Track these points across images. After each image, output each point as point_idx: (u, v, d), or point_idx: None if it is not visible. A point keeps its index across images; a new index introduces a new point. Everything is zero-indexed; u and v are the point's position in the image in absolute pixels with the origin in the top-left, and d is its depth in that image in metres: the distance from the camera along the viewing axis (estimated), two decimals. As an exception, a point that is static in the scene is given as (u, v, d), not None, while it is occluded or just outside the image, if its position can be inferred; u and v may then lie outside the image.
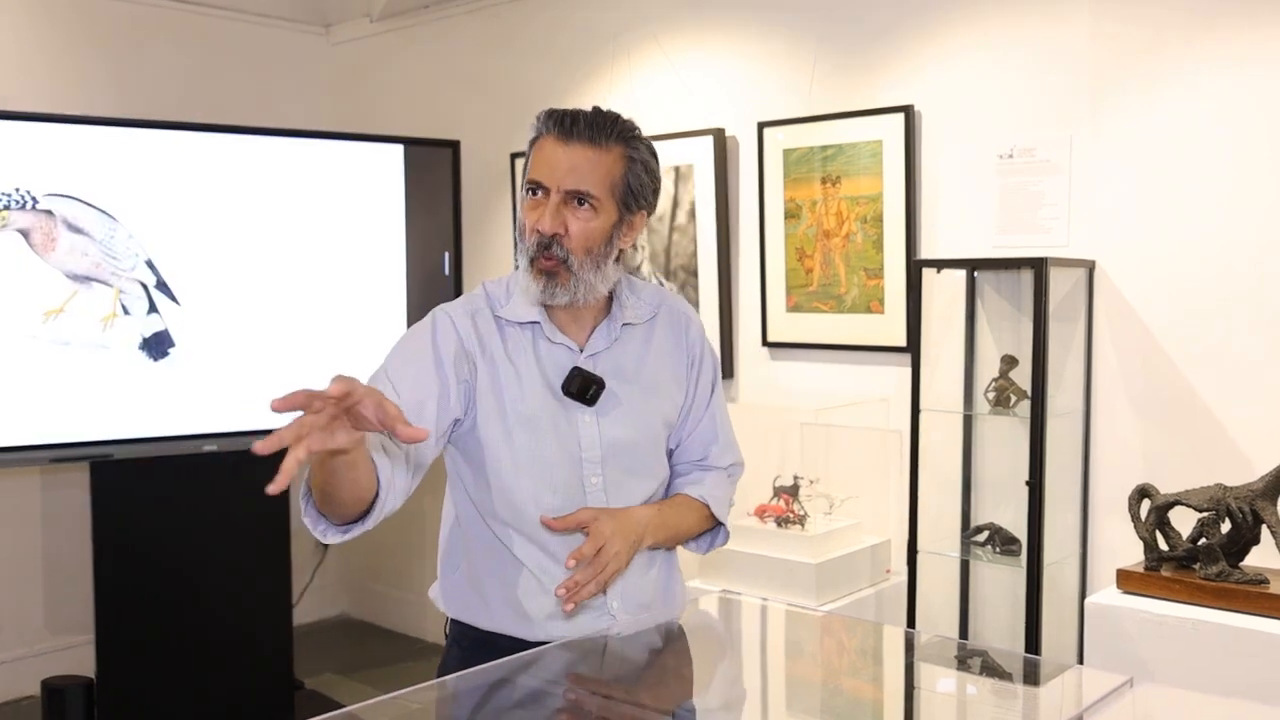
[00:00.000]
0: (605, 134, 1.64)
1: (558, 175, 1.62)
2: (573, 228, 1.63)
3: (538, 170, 1.64)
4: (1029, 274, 2.77)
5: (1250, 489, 2.34)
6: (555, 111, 1.65)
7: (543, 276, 1.63)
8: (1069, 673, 1.95)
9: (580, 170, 1.62)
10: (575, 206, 1.63)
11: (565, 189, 1.62)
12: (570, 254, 1.63)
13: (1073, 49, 2.86)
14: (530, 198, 1.65)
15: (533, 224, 1.64)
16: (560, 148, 1.62)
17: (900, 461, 3.10)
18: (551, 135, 1.64)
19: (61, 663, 3.93)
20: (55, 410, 3.29)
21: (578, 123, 1.63)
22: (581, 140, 1.62)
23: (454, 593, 1.80)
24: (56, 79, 4.04)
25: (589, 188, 1.63)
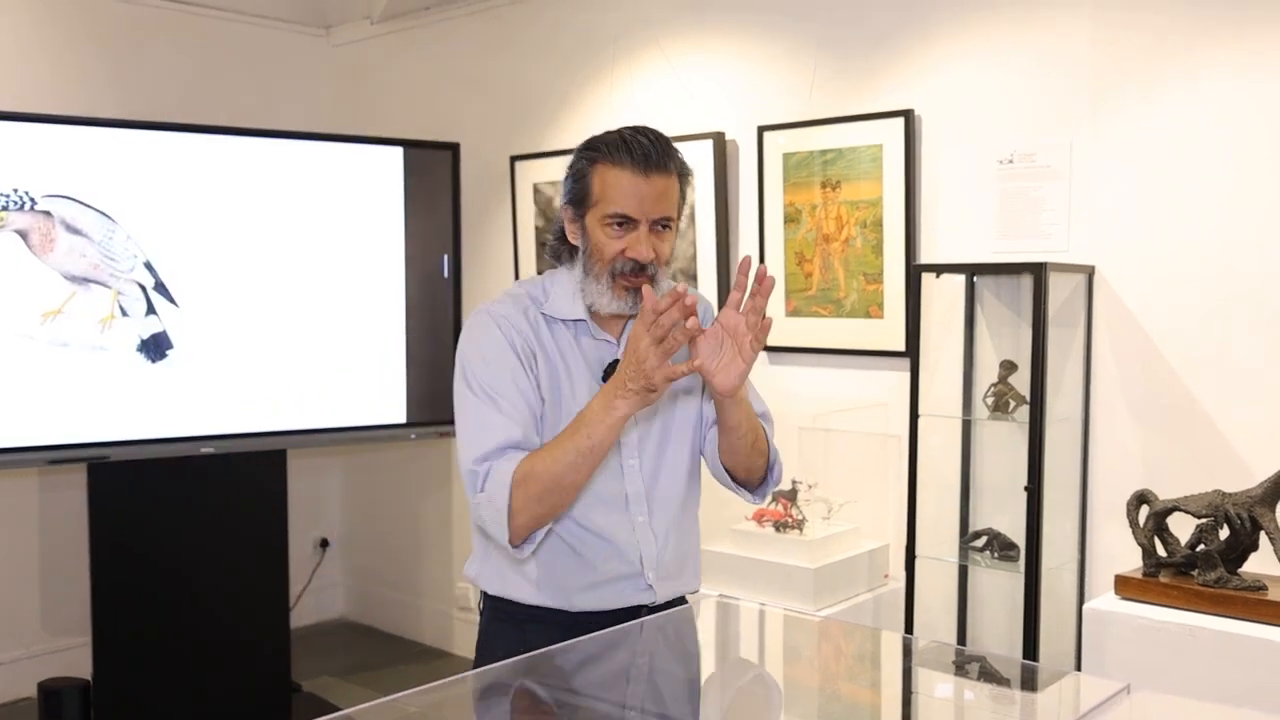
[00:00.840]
0: (670, 159, 1.77)
1: (646, 208, 1.74)
2: (661, 251, 1.78)
3: (624, 204, 1.74)
4: (1028, 279, 2.77)
5: (1249, 495, 2.34)
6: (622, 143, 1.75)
7: (627, 293, 1.77)
8: (1066, 679, 1.95)
9: (663, 200, 1.76)
10: (659, 231, 1.77)
11: (653, 218, 1.76)
12: (658, 270, 1.78)
13: (1073, 55, 2.87)
14: (614, 228, 1.76)
15: (622, 251, 1.75)
16: (643, 181, 1.74)
17: (899, 466, 3.10)
18: (627, 169, 1.74)
19: (58, 665, 3.92)
20: (53, 411, 3.29)
21: (649, 155, 1.74)
22: (657, 171, 1.75)
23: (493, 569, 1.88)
24: (56, 79, 4.03)
25: (670, 213, 1.78)
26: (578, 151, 1.81)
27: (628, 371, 1.61)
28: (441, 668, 4.38)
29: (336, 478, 4.97)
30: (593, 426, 1.65)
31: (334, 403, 3.71)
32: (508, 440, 1.72)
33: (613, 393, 1.64)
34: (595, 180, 1.76)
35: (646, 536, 1.85)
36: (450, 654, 4.54)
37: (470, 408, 1.76)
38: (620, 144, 1.74)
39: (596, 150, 1.76)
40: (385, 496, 4.82)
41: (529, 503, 1.68)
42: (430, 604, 4.65)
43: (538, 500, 1.68)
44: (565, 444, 1.67)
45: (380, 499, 4.85)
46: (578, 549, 1.82)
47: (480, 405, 1.75)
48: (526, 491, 1.67)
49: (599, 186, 1.75)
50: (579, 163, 1.79)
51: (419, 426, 3.87)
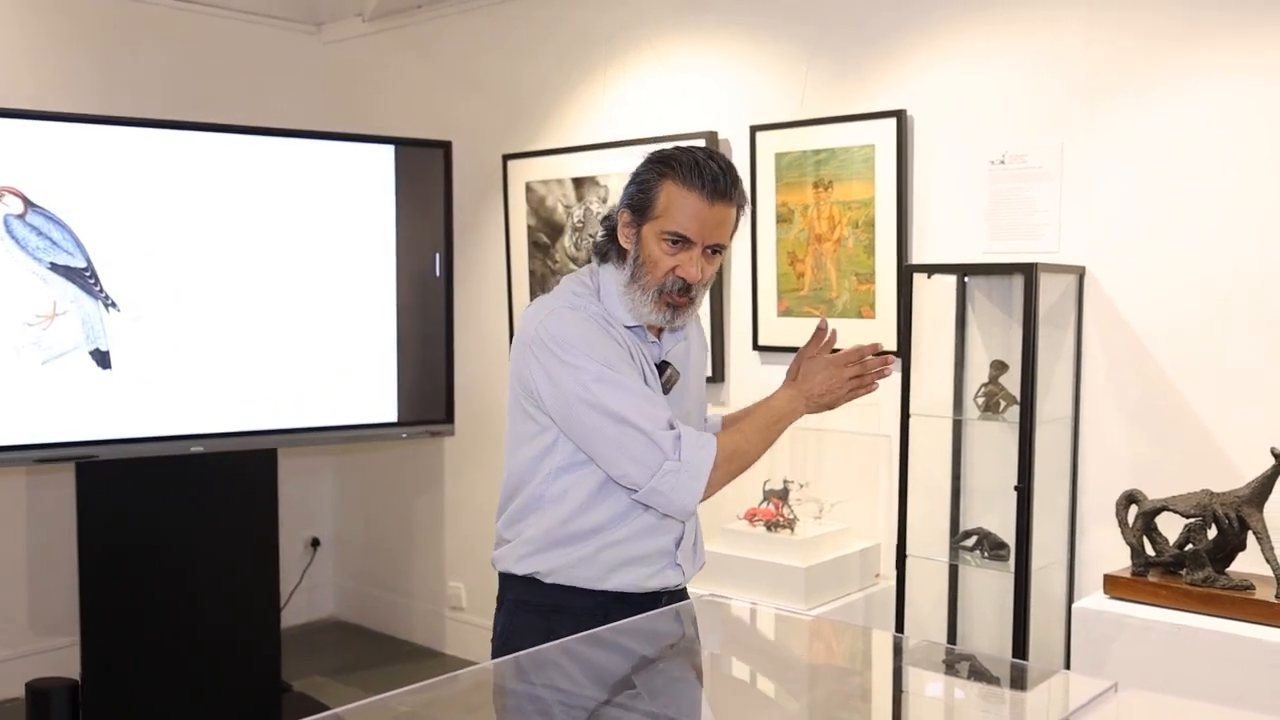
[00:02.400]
0: (734, 189, 1.85)
1: (705, 232, 1.83)
2: (707, 272, 1.87)
3: (685, 225, 1.82)
4: (1019, 280, 2.78)
5: (1237, 495, 2.35)
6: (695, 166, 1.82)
7: (669, 309, 1.87)
8: (1055, 678, 1.96)
9: (723, 227, 1.85)
10: (710, 255, 1.86)
11: (709, 243, 1.84)
12: (699, 291, 1.89)
13: (1064, 56, 2.87)
14: (668, 245, 1.84)
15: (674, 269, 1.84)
16: (707, 207, 1.82)
17: (890, 466, 3.10)
18: (696, 192, 1.81)
19: (46, 665, 3.90)
20: (40, 410, 3.28)
21: (718, 183, 1.82)
22: (724, 201, 1.83)
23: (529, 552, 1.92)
24: (44, 76, 4.02)
25: (726, 241, 1.88)
26: (648, 161, 1.87)
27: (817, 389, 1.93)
28: (433, 667, 4.37)
29: (327, 477, 4.96)
30: (783, 421, 1.93)
31: (325, 402, 3.70)
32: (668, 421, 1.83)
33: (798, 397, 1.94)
34: (662, 195, 1.83)
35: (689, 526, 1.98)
36: (441, 654, 4.54)
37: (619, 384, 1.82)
38: (694, 166, 1.81)
39: (669, 166, 1.83)
40: (376, 496, 4.82)
41: (729, 475, 1.87)
42: (421, 604, 4.64)
43: (732, 474, 1.87)
44: (762, 431, 1.92)
45: (371, 498, 4.84)
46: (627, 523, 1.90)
47: (628, 382, 1.83)
48: (730, 467, 1.86)
49: (664, 201, 1.83)
50: (648, 173, 1.85)
51: (410, 426, 3.87)
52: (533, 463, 1.91)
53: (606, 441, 1.81)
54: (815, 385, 1.94)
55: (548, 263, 4.04)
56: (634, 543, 1.90)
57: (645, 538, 1.91)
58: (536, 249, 4.07)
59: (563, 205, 3.97)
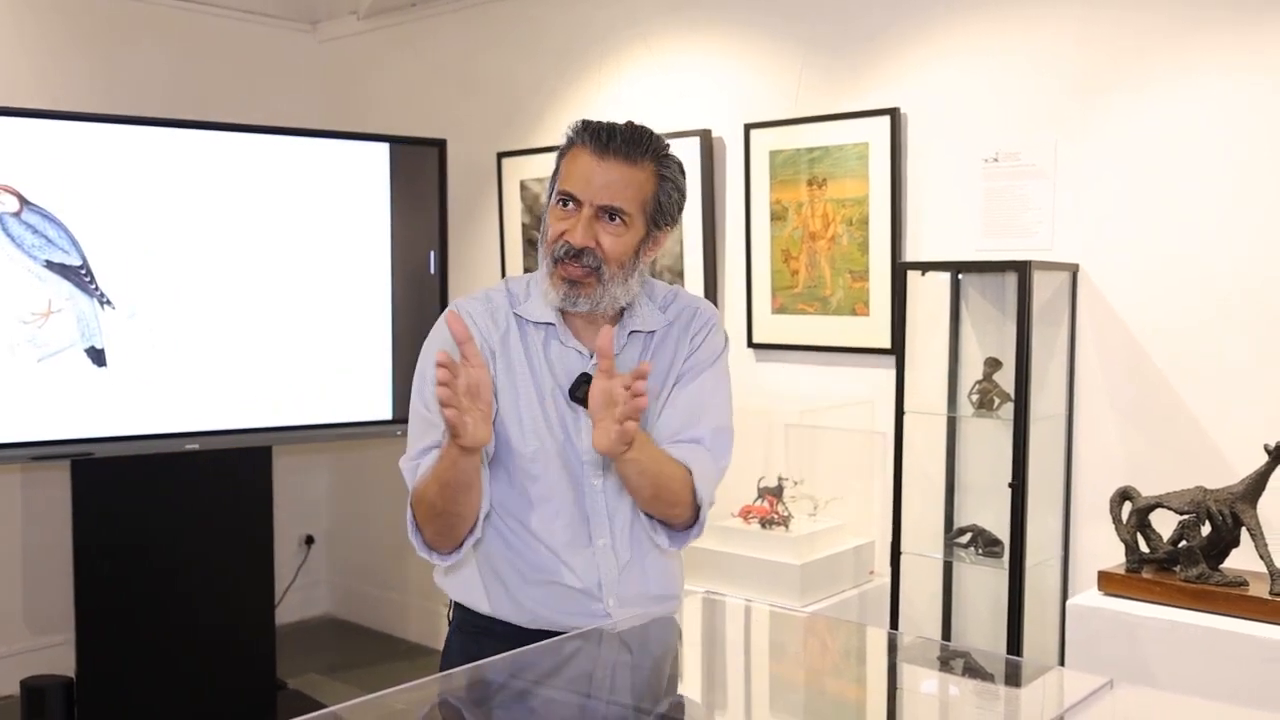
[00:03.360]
0: (640, 151, 1.66)
1: (592, 190, 1.64)
2: (605, 242, 1.65)
3: (571, 182, 1.66)
4: (1013, 277, 2.78)
5: (1230, 492, 2.36)
6: (591, 124, 1.67)
7: (564, 284, 1.66)
8: (1050, 674, 1.96)
9: (614, 187, 1.64)
10: (606, 221, 1.66)
11: (598, 204, 1.65)
12: (604, 263, 1.66)
13: (1058, 54, 2.88)
14: (561, 208, 1.67)
15: (562, 233, 1.66)
16: (596, 163, 1.64)
17: (884, 463, 3.11)
18: (587, 149, 1.65)
19: (41, 662, 3.90)
20: (36, 408, 3.27)
21: (614, 138, 1.65)
22: (617, 157, 1.64)
23: (459, 579, 1.83)
24: (38, 74, 4.01)
25: (622, 204, 1.65)
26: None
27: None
28: (427, 665, 4.36)
29: (322, 475, 4.96)
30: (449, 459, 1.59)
31: (319, 399, 3.70)
32: (434, 442, 1.68)
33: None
34: (564, 161, 1.69)
35: (608, 561, 1.75)
36: (435, 651, 4.48)
37: (414, 402, 1.76)
38: (589, 125, 1.67)
39: (572, 130, 1.69)
40: (371, 494, 4.81)
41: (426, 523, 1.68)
42: (416, 601, 4.64)
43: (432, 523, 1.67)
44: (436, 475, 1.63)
45: (366, 496, 4.84)
46: (536, 566, 1.75)
47: (421, 403, 1.73)
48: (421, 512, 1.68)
49: (564, 166, 1.68)
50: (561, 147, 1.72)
51: (405, 423, 3.84)
52: None
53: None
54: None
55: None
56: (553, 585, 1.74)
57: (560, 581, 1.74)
58: (531, 247, 4.07)
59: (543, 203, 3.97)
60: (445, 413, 1.49)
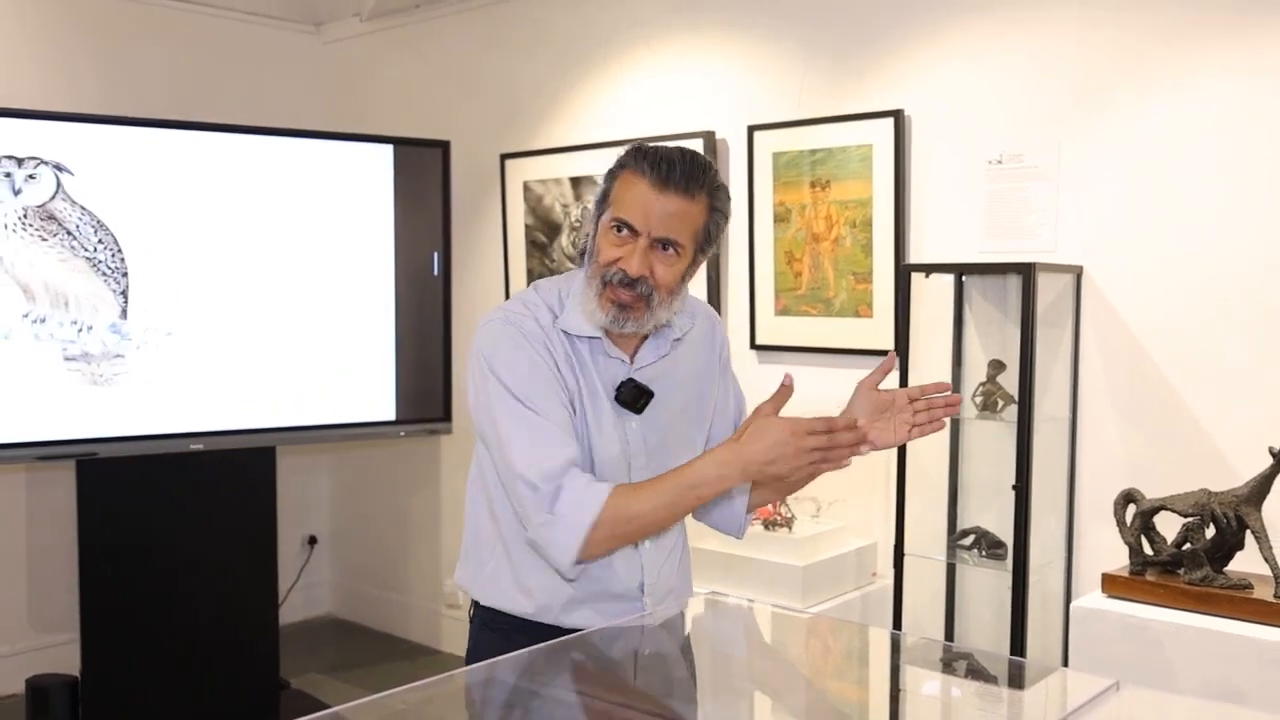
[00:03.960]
0: (698, 186, 1.70)
1: (650, 222, 1.69)
2: (658, 271, 1.70)
3: (629, 212, 1.70)
4: (1016, 279, 2.78)
5: (1235, 494, 2.35)
6: (651, 153, 1.71)
7: (614, 307, 1.72)
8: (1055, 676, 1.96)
9: (672, 220, 1.69)
10: (660, 251, 1.70)
11: (655, 236, 1.69)
12: (654, 292, 1.71)
13: (1061, 56, 2.88)
14: (615, 233, 1.71)
15: (616, 260, 1.70)
16: (655, 195, 1.68)
17: (887, 465, 3.11)
18: (645, 179, 1.69)
19: (46, 661, 3.91)
20: (41, 408, 3.28)
21: (673, 171, 1.68)
22: (676, 190, 1.68)
23: (487, 580, 1.86)
24: (44, 76, 4.01)
25: (677, 237, 1.70)
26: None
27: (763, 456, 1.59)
28: (429, 665, 4.37)
29: (325, 475, 4.96)
30: (704, 488, 1.64)
31: (323, 400, 3.70)
32: (569, 459, 1.68)
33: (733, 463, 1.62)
34: (617, 184, 1.72)
35: (651, 560, 1.84)
36: (438, 651, 4.54)
37: (519, 418, 1.70)
38: (650, 154, 1.70)
39: (630, 156, 1.73)
40: (374, 494, 4.82)
41: (615, 538, 1.67)
42: (418, 602, 4.64)
43: (625, 537, 1.69)
44: (673, 494, 1.65)
45: (369, 497, 4.84)
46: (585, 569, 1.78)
47: (531, 417, 1.69)
48: (615, 530, 1.65)
49: (618, 190, 1.72)
50: (613, 165, 1.76)
51: (408, 424, 3.87)
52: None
53: (500, 475, 1.74)
54: (760, 451, 1.59)
55: (545, 262, 4.04)
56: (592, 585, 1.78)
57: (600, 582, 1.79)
58: (534, 248, 4.07)
59: (560, 205, 3.97)
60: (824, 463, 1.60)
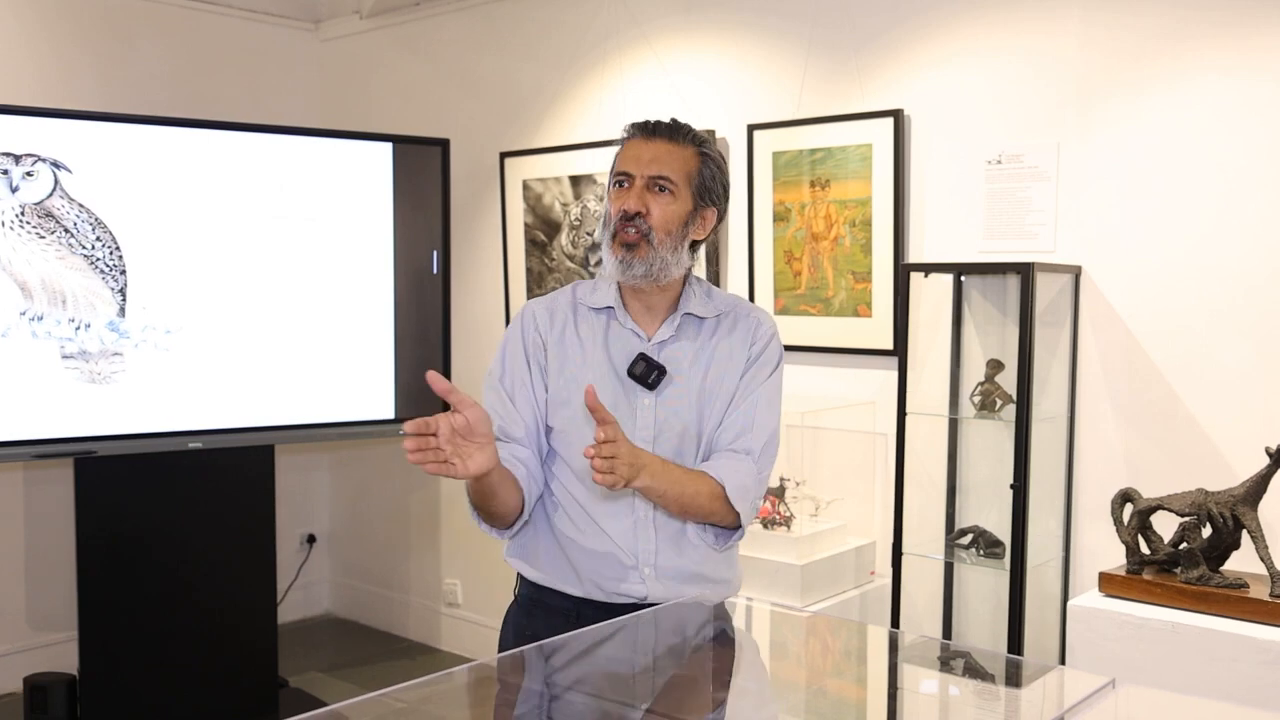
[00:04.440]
0: (682, 135, 1.90)
1: (642, 164, 1.86)
2: (654, 209, 1.85)
3: (624, 163, 1.89)
4: (1015, 279, 2.79)
5: (1231, 494, 2.36)
6: (638, 120, 1.92)
7: (622, 248, 1.85)
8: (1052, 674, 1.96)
9: (661, 159, 1.86)
10: (656, 192, 1.86)
11: (648, 175, 1.86)
12: (652, 229, 1.85)
13: (1061, 57, 2.88)
14: (617, 189, 1.88)
15: (619, 206, 1.86)
16: (644, 143, 1.88)
17: (886, 464, 3.11)
18: (636, 136, 1.90)
19: (44, 660, 3.91)
20: (39, 406, 3.28)
21: (659, 125, 1.89)
22: (662, 137, 1.88)
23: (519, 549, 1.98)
24: (42, 73, 4.01)
25: (668, 173, 1.86)
26: None
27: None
28: (428, 663, 4.38)
29: (324, 474, 4.96)
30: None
31: (322, 398, 3.70)
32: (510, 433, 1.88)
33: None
34: (618, 155, 1.91)
35: (646, 533, 1.89)
36: (437, 650, 4.54)
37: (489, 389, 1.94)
38: (639, 120, 1.90)
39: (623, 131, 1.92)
40: (372, 493, 4.82)
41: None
42: (417, 600, 4.65)
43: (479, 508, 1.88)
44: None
45: (367, 495, 4.84)
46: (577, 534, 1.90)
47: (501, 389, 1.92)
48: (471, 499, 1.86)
49: (617, 159, 1.90)
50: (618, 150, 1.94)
51: (405, 422, 3.86)
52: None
53: None
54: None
55: (545, 260, 4.04)
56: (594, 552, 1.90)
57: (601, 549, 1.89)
58: (533, 246, 4.07)
59: (560, 203, 3.98)
60: (426, 468, 1.65)
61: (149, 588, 3.50)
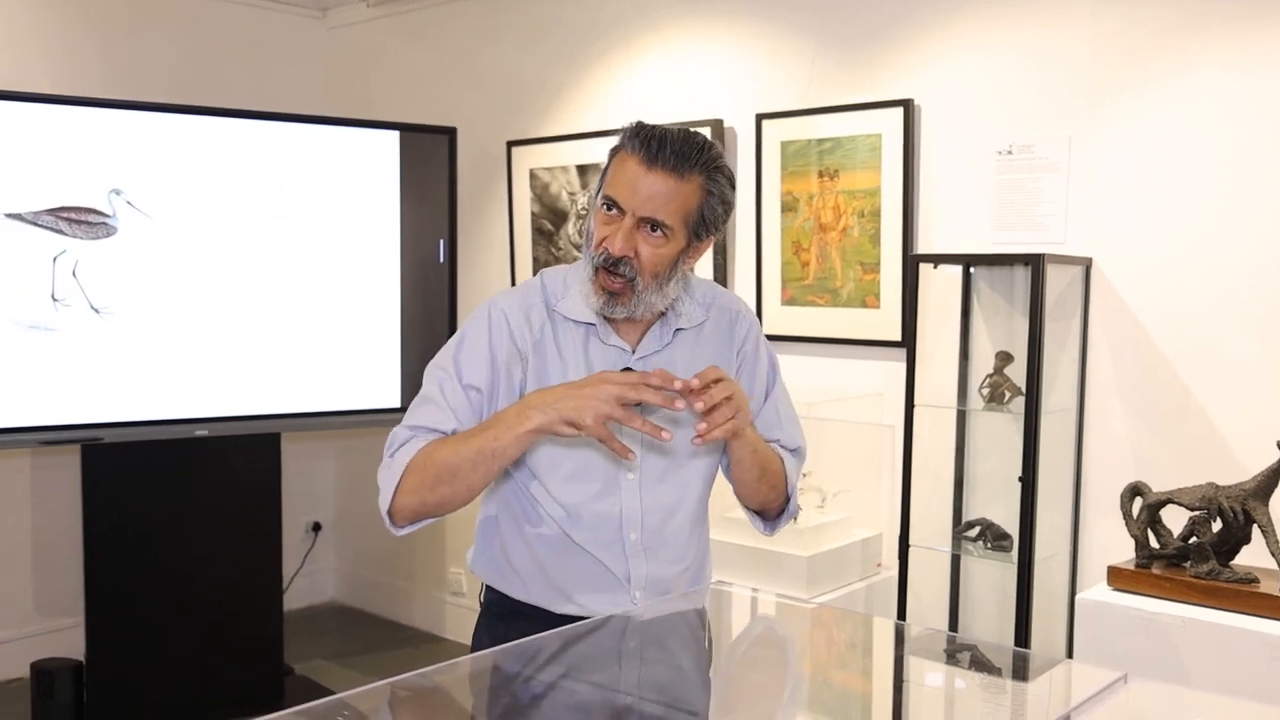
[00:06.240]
0: (689, 165, 1.64)
1: (635, 201, 1.64)
2: (643, 252, 1.65)
3: (616, 189, 1.66)
4: (1025, 270, 2.77)
5: (1242, 488, 2.35)
6: (644, 130, 1.66)
7: (604, 293, 1.68)
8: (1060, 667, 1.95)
9: (657, 200, 1.63)
10: (648, 232, 1.66)
11: (640, 215, 1.64)
12: (638, 275, 1.66)
13: (1073, 48, 2.86)
14: (605, 212, 1.67)
15: (603, 240, 1.67)
16: (643, 173, 1.63)
17: (893, 456, 3.10)
18: (636, 156, 1.64)
19: (51, 645, 3.92)
20: (46, 392, 3.28)
21: (664, 149, 1.63)
22: (665, 169, 1.63)
23: (490, 562, 1.87)
24: (49, 61, 4.01)
25: (664, 218, 1.64)
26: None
27: (567, 394, 1.55)
28: (433, 652, 4.38)
29: (329, 462, 4.96)
30: (500, 430, 1.59)
31: (328, 387, 3.70)
32: (438, 425, 1.69)
33: (536, 403, 1.57)
34: (613, 164, 1.69)
35: (637, 557, 1.78)
36: (442, 638, 4.54)
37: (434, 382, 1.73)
38: (641, 131, 1.66)
39: (624, 134, 1.69)
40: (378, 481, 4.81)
41: (419, 487, 1.65)
42: (422, 589, 4.65)
43: (429, 488, 1.65)
44: (472, 439, 1.62)
45: (373, 484, 4.82)
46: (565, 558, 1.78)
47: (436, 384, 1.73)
48: (421, 476, 1.64)
49: (611, 170, 1.68)
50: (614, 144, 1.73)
51: (413, 411, 3.86)
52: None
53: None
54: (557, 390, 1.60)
55: (551, 250, 4.03)
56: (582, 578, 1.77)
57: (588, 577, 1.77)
58: (540, 236, 4.06)
59: (566, 192, 3.96)
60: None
61: (155, 574, 3.50)
